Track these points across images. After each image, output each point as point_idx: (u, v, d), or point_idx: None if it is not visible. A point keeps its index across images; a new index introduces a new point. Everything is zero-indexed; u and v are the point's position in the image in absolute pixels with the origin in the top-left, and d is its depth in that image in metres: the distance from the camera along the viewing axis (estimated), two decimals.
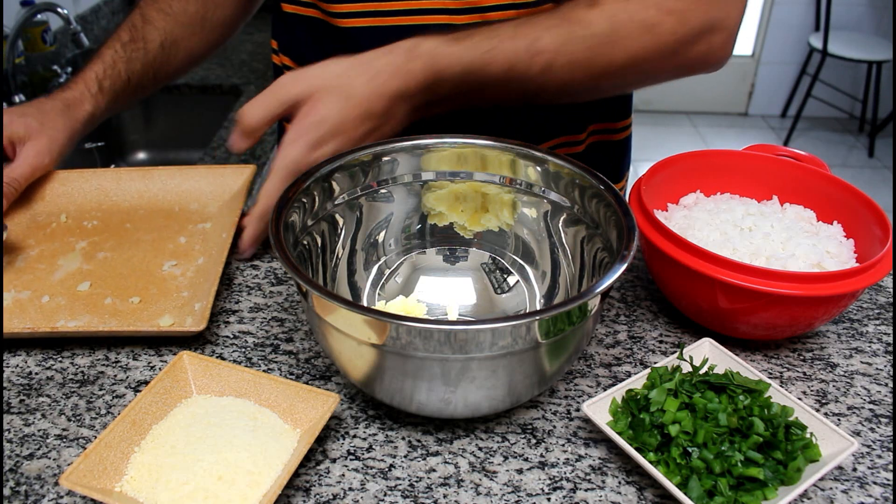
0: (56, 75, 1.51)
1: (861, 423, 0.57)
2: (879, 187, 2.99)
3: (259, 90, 0.59)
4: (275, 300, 0.69)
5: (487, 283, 0.68)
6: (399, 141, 0.64)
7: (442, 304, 0.66)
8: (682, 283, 0.62)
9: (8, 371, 0.60)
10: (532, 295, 0.65)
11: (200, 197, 0.80)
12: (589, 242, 0.61)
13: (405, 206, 0.67)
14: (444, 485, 0.51)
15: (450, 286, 0.68)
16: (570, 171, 0.61)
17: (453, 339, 0.46)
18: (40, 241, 0.75)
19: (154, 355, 0.62)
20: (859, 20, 3.42)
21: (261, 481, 0.48)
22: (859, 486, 0.52)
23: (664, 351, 0.63)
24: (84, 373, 0.60)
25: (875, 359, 0.63)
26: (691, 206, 0.70)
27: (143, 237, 0.75)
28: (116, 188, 0.80)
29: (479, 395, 0.50)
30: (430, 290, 0.67)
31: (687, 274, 0.59)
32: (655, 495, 0.51)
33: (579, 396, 0.59)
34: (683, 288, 0.62)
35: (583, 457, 0.53)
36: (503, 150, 0.64)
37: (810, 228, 0.67)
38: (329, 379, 0.60)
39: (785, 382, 0.61)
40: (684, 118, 3.63)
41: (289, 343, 0.64)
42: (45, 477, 0.51)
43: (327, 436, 0.55)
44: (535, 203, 0.65)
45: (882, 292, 0.71)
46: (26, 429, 0.55)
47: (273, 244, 0.52)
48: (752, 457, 0.49)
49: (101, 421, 0.56)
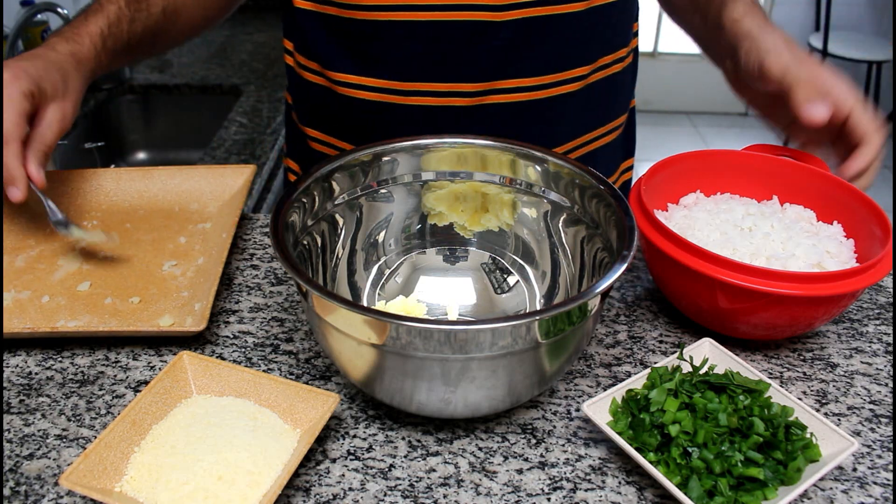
0: None
1: (861, 423, 0.57)
2: (879, 187, 2.98)
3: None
4: (275, 300, 0.69)
5: (487, 283, 0.68)
6: (399, 141, 0.64)
7: (442, 304, 0.66)
8: (683, 283, 0.62)
9: (8, 371, 0.60)
10: (532, 295, 0.65)
11: (200, 197, 0.80)
12: (589, 242, 0.61)
13: (405, 206, 0.67)
14: (444, 485, 0.51)
15: (450, 286, 0.68)
16: (570, 170, 0.61)
17: (453, 339, 0.46)
18: (40, 241, 0.75)
19: (154, 355, 0.62)
20: (859, 20, 3.42)
21: (261, 481, 0.48)
22: (859, 486, 0.52)
23: (664, 351, 0.63)
24: (84, 373, 0.60)
25: (875, 359, 0.63)
26: (691, 206, 0.70)
27: (143, 237, 0.75)
28: (116, 188, 0.80)
29: (479, 395, 0.50)
30: (430, 290, 0.67)
31: (687, 274, 0.59)
32: (655, 495, 0.51)
33: (579, 396, 0.59)
34: (683, 288, 0.62)
35: (583, 457, 0.53)
36: (503, 150, 0.64)
37: (810, 228, 0.67)
38: (329, 379, 0.60)
39: (785, 382, 0.61)
40: (684, 118, 3.63)
41: (289, 343, 0.64)
42: (45, 477, 0.51)
43: (327, 436, 0.55)
44: (535, 203, 0.65)
45: (882, 292, 0.71)
46: (26, 429, 0.55)
47: (273, 244, 0.52)
48: (753, 457, 0.49)
49: (100, 421, 0.56)
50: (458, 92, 0.74)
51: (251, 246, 0.77)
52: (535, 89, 0.74)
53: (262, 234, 0.79)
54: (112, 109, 1.66)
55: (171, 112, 1.71)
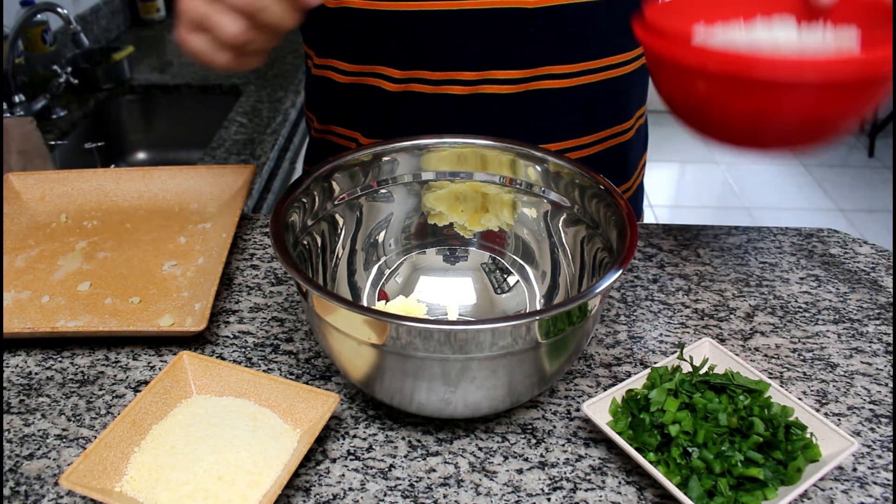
0: (56, 75, 1.51)
1: (861, 423, 0.57)
2: (879, 187, 2.99)
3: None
4: (275, 300, 0.69)
5: (487, 283, 0.68)
6: (399, 141, 0.64)
7: (442, 304, 0.66)
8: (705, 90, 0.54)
9: (8, 371, 0.60)
10: (532, 295, 0.65)
11: (200, 197, 0.80)
12: (589, 242, 0.61)
13: (405, 206, 0.67)
14: (444, 485, 0.51)
15: (450, 286, 0.68)
16: (570, 171, 0.61)
17: (453, 339, 0.46)
18: (40, 241, 0.75)
19: (154, 355, 0.62)
20: None
21: (261, 481, 0.48)
22: (859, 486, 0.52)
23: (664, 351, 0.63)
24: (84, 373, 0.60)
25: (875, 359, 0.63)
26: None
27: (144, 237, 0.75)
28: (116, 188, 0.80)
29: (479, 395, 0.50)
30: (430, 290, 0.67)
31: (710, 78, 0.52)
32: (655, 495, 0.51)
33: (579, 396, 0.59)
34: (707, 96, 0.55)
35: (583, 457, 0.53)
36: (503, 150, 0.64)
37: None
38: (329, 379, 0.60)
39: (785, 382, 0.61)
40: None
41: (289, 343, 0.64)
42: (45, 477, 0.51)
43: (327, 436, 0.55)
44: (535, 203, 0.65)
45: (882, 292, 0.71)
46: (26, 429, 0.55)
47: (273, 244, 0.52)
48: (753, 457, 0.49)
49: (100, 421, 0.56)
50: (500, 79, 0.72)
51: (251, 246, 0.77)
52: (577, 75, 0.73)
53: (262, 234, 0.79)
54: (112, 109, 1.66)
55: (171, 112, 1.71)
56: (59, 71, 1.52)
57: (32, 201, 0.79)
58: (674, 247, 0.78)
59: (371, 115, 0.78)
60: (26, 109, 1.42)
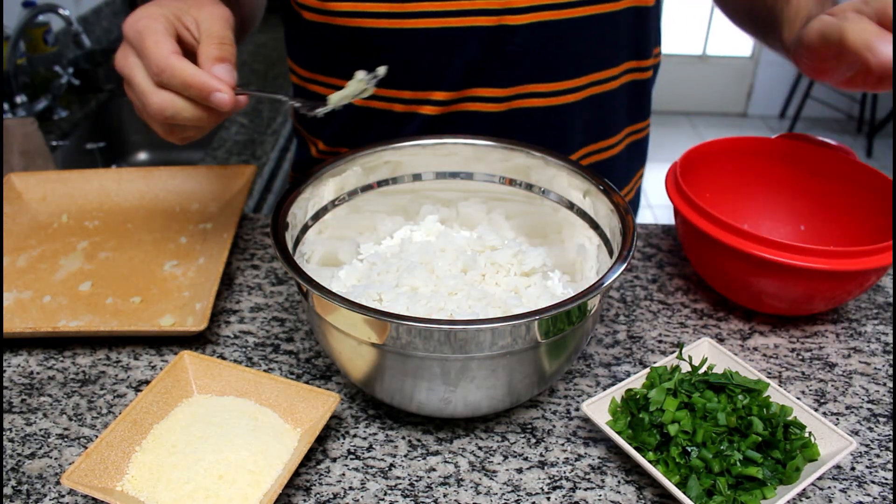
0: (57, 76, 1.52)
1: (859, 422, 0.57)
2: None
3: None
4: (275, 300, 0.69)
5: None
6: (399, 141, 0.64)
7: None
8: (717, 259, 0.64)
9: (9, 371, 0.61)
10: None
11: (201, 197, 0.80)
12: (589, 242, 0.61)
13: (405, 206, 0.67)
14: (444, 484, 0.51)
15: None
16: (571, 170, 0.61)
17: (453, 338, 0.46)
18: (42, 241, 0.75)
19: (155, 355, 0.62)
20: None
21: (261, 480, 0.48)
22: (857, 485, 0.52)
23: (663, 351, 0.64)
24: (85, 372, 0.60)
25: (873, 358, 0.63)
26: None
27: (145, 237, 0.75)
28: (117, 188, 0.81)
29: (478, 394, 0.50)
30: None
31: (723, 250, 0.61)
32: (654, 494, 0.51)
33: (579, 396, 0.59)
34: (718, 264, 0.65)
35: (582, 456, 0.54)
36: (503, 150, 0.64)
37: None
38: (329, 379, 0.60)
39: (784, 382, 0.61)
40: (683, 118, 3.63)
41: (289, 343, 0.64)
42: (47, 476, 0.52)
43: (327, 435, 0.55)
44: (536, 203, 0.65)
45: (880, 292, 0.72)
46: (28, 428, 0.55)
47: (273, 244, 0.52)
48: (751, 456, 0.49)
49: (102, 420, 0.56)
50: (483, 97, 0.72)
51: (252, 246, 0.77)
52: (560, 94, 0.73)
53: (262, 234, 0.79)
54: (113, 110, 1.66)
55: None
56: (61, 72, 1.52)
57: (34, 201, 0.80)
58: (673, 247, 0.78)
59: (336, 131, 0.79)
60: (28, 110, 1.42)
